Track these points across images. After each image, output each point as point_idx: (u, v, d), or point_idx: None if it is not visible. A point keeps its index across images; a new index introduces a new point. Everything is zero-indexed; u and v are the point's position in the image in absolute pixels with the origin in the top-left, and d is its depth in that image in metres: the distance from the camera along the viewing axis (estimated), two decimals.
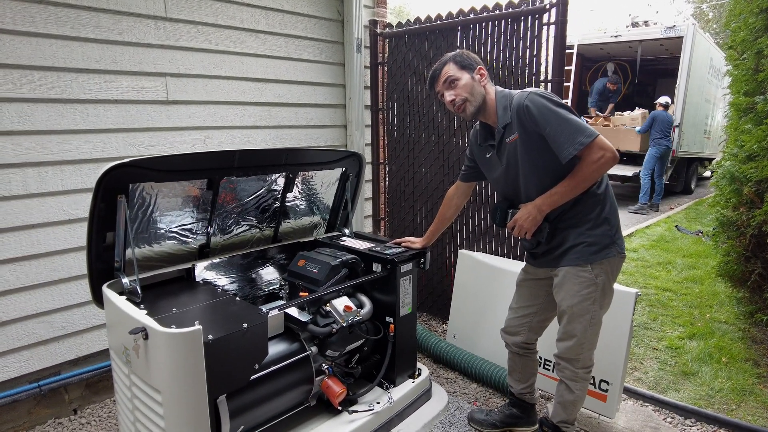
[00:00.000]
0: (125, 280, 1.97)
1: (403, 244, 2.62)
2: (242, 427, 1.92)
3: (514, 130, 2.01)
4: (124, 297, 1.91)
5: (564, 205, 1.99)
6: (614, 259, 2.02)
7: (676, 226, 7.29)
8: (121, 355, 1.82)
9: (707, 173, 13.18)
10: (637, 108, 9.54)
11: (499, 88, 2.11)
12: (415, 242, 2.60)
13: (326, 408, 2.29)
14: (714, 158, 11.86)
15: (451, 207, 2.54)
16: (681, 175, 10.33)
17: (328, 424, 2.22)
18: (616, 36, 9.46)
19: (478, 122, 2.23)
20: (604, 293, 2.04)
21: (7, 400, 2.46)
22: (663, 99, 8.52)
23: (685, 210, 9.00)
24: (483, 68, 2.10)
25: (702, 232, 6.83)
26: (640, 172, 8.79)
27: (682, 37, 8.56)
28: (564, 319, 2.08)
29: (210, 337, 1.65)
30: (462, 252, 3.33)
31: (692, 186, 11.10)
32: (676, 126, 8.72)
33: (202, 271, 2.37)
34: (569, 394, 2.13)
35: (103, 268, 2.00)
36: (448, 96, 2.09)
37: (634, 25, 9.74)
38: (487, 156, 2.20)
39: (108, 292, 1.91)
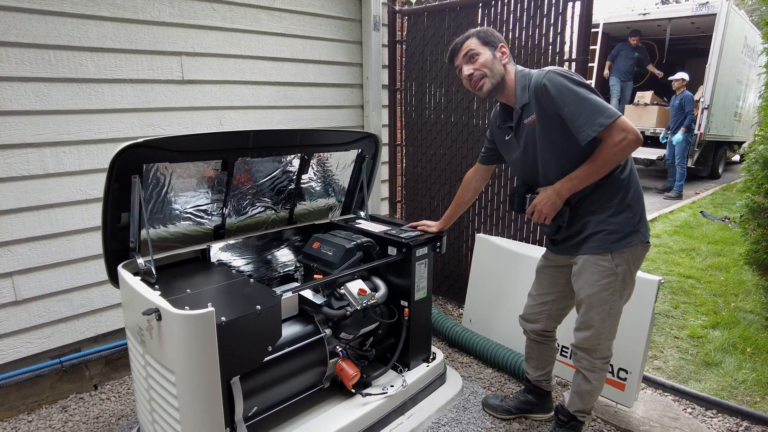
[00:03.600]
0: (140, 261, 1.98)
1: (419, 228, 2.58)
2: (256, 407, 1.93)
3: (532, 111, 1.93)
4: (139, 277, 1.91)
5: (585, 191, 1.92)
6: (636, 249, 1.94)
7: (701, 212, 7.07)
8: (136, 335, 1.84)
9: (736, 157, 12.74)
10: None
11: (519, 67, 2.03)
12: (432, 226, 2.56)
13: (340, 390, 2.30)
14: (744, 142, 11.45)
15: (469, 190, 2.48)
16: (708, 160, 9.98)
17: (342, 406, 2.23)
18: (644, 14, 9.09)
19: (498, 103, 2.16)
20: (625, 283, 1.97)
21: (31, 374, 2.52)
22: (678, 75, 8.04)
23: (712, 195, 8.72)
24: (505, 46, 2.02)
25: (728, 219, 6.62)
26: (665, 156, 8.56)
27: (716, 14, 8.18)
28: (582, 308, 2.02)
29: (223, 319, 1.65)
30: (480, 236, 3.27)
31: (720, 170, 10.74)
32: (705, 108, 8.42)
33: (217, 252, 2.37)
34: (586, 384, 2.09)
35: (118, 248, 2.00)
36: (467, 70, 2.02)
37: (664, 2, 9.36)
38: (506, 138, 2.13)
39: (123, 273, 1.92)
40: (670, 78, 8.12)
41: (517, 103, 1.98)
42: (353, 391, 2.26)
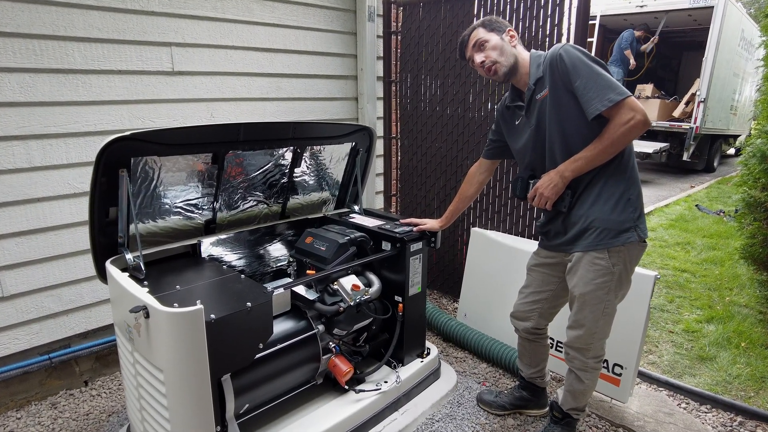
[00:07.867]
0: (129, 256, 1.94)
1: (416, 229, 2.45)
2: (247, 405, 1.90)
3: (545, 85, 1.90)
4: (127, 273, 1.87)
5: (585, 184, 1.89)
6: (634, 247, 1.89)
7: (696, 206, 7.09)
8: (125, 332, 1.80)
9: (731, 151, 12.76)
10: None
11: (533, 50, 2.01)
12: (432, 225, 2.46)
13: (333, 386, 2.27)
14: (740, 135, 11.47)
15: (473, 185, 2.40)
16: (703, 153, 10.01)
17: (335, 402, 2.20)
18: (641, 6, 9.04)
19: (506, 94, 2.13)
20: (621, 283, 1.92)
21: (19, 371, 2.48)
22: None
23: (707, 189, 8.74)
24: (513, 30, 2.00)
25: (723, 212, 6.64)
26: (661, 148, 8.55)
27: (713, 6, 8.15)
28: (575, 306, 1.99)
29: (212, 316, 1.61)
30: (475, 230, 3.25)
31: (715, 164, 10.76)
32: (702, 101, 8.40)
33: (208, 247, 2.33)
34: (579, 384, 2.06)
35: (106, 243, 1.95)
36: (478, 58, 1.99)
37: None
38: (516, 123, 2.09)
39: (111, 269, 1.87)
40: None
41: (530, 79, 1.95)
42: (346, 387, 2.23)
